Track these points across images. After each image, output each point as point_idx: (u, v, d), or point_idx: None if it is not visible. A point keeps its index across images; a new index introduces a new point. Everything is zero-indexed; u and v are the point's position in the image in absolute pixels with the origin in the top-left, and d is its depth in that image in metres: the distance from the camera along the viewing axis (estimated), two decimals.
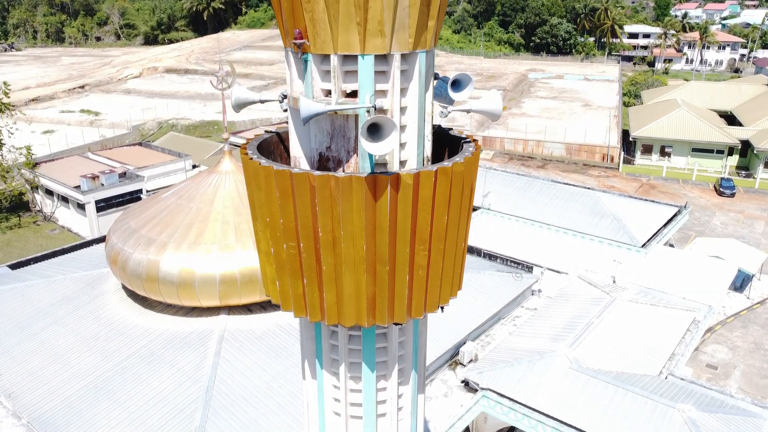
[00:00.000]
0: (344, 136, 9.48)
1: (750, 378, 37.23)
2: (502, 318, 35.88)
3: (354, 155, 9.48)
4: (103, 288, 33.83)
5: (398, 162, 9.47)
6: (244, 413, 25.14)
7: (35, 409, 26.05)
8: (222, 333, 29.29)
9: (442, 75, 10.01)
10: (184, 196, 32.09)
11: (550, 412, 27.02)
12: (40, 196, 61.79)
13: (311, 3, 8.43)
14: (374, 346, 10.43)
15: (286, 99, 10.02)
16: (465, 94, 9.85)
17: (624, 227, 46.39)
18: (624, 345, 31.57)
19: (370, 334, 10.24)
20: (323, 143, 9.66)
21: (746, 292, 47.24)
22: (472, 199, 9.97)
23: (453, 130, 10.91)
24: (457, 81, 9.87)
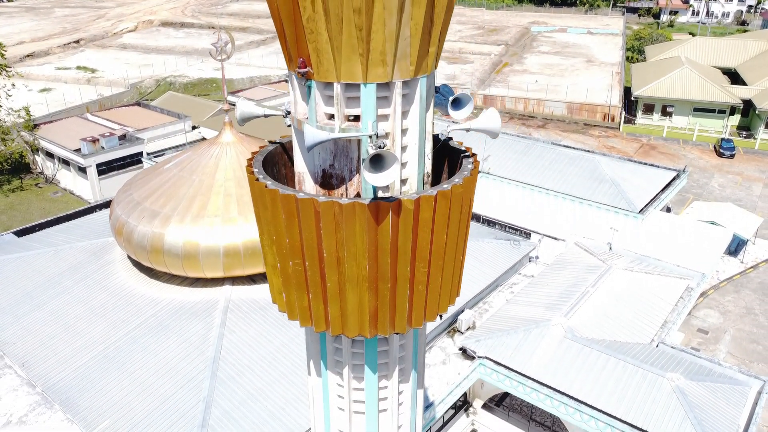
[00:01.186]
0: (347, 156, 9.79)
1: (739, 342, 38.35)
2: (500, 285, 36.68)
3: (356, 174, 9.83)
4: (109, 257, 34.48)
5: (399, 181, 9.83)
6: (249, 383, 26.16)
7: (48, 378, 27.06)
8: (226, 303, 30.09)
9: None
10: (186, 167, 32.35)
11: (544, 380, 28.08)
12: (41, 158, 61.88)
13: (315, 34, 8.61)
14: (376, 350, 11.02)
15: (290, 114, 10.28)
16: (465, 112, 10.12)
17: (622, 192, 46.75)
18: (618, 313, 32.46)
19: (372, 341, 10.81)
20: (327, 161, 9.98)
21: (740, 257, 48.03)
22: (470, 215, 10.36)
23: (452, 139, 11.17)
24: (458, 100, 10.13)
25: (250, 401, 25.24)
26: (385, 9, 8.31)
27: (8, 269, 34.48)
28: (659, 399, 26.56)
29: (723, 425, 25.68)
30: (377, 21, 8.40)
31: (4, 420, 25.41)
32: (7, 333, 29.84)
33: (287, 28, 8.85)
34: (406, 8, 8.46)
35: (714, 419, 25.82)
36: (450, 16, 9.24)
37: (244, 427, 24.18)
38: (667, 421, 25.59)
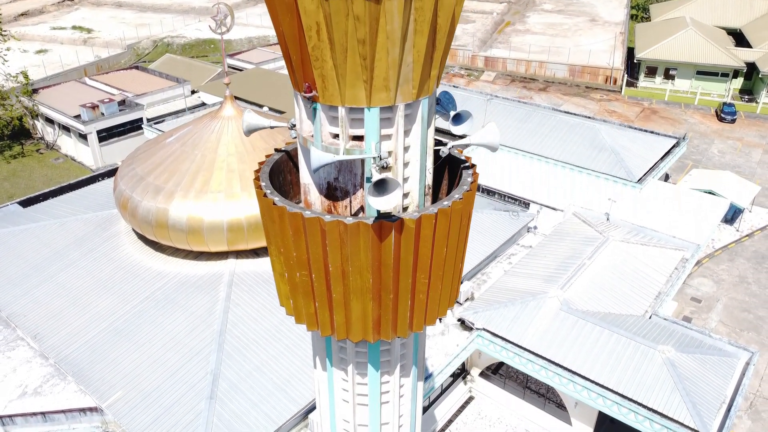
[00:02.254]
0: (351, 171, 10.19)
1: (731, 311, 39.27)
2: (498, 256, 37.34)
3: (360, 189, 10.24)
4: (114, 230, 35.03)
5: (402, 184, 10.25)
6: (255, 355, 27.06)
7: (60, 351, 27.97)
8: (231, 277, 30.78)
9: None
10: (188, 142, 32.56)
11: (540, 352, 29.00)
12: (41, 123, 61.74)
13: (320, 61, 8.89)
14: (379, 351, 11.66)
15: (295, 127, 10.62)
16: (465, 127, 10.49)
17: (621, 161, 46.99)
18: (613, 285, 33.20)
19: (375, 343, 11.42)
20: (331, 174, 10.38)
21: (736, 225, 48.58)
22: (469, 226, 10.82)
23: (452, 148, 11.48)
24: (458, 116, 10.47)
25: (256, 373, 26.19)
26: (388, 39, 8.58)
27: (15, 241, 35.09)
28: (650, 371, 27.52)
29: (710, 396, 26.71)
30: (380, 50, 8.68)
31: (20, 391, 26.43)
32: (18, 305, 30.64)
33: (293, 54, 9.13)
34: (408, 38, 8.73)
35: (702, 390, 26.83)
36: (451, 40, 9.49)
37: (251, 399, 25.18)
38: (657, 392, 26.60)
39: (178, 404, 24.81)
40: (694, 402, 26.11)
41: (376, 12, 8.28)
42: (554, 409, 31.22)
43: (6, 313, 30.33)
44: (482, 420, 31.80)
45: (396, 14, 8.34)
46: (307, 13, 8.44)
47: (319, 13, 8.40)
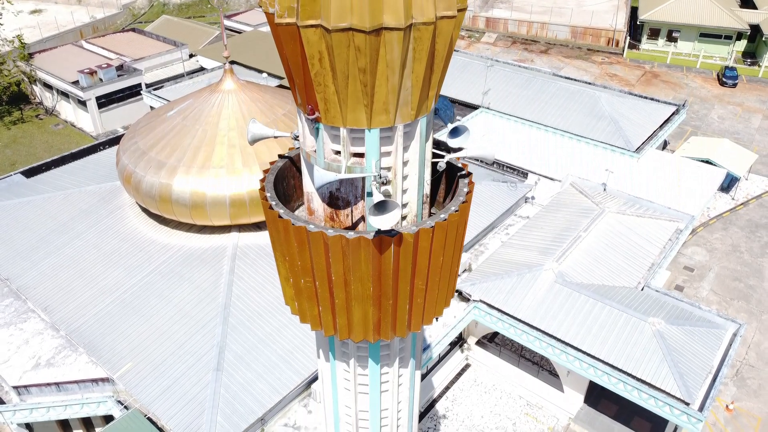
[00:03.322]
0: (352, 184, 10.69)
1: (722, 280, 40.20)
2: (496, 227, 38.01)
3: (361, 201, 10.77)
4: (118, 202, 35.57)
5: (400, 204, 10.78)
6: (259, 328, 28.02)
7: (71, 323, 28.91)
8: (234, 250, 31.51)
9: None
10: (189, 116, 32.77)
11: (534, 323, 29.98)
12: (39, 88, 61.46)
13: (322, 86, 9.29)
14: (378, 347, 12.39)
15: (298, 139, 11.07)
16: (462, 140, 10.96)
17: (620, 130, 47.16)
18: (607, 257, 33.98)
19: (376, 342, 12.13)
20: (334, 184, 10.86)
21: (732, 193, 49.11)
22: (464, 234, 11.39)
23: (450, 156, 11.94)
24: (456, 129, 10.93)
25: (260, 346, 27.19)
26: (387, 67, 8.96)
27: (21, 213, 35.67)
28: (640, 342, 28.54)
29: (697, 367, 27.79)
30: (380, 77, 9.07)
31: (33, 362, 27.49)
32: (27, 278, 31.46)
33: (296, 78, 9.52)
34: (407, 65, 9.11)
35: (689, 361, 27.90)
36: (449, 63, 9.85)
37: (256, 370, 26.24)
38: (645, 363, 27.68)
39: (186, 375, 25.88)
40: (681, 372, 27.21)
41: (376, 43, 8.63)
42: (547, 377, 32.43)
43: (16, 286, 31.18)
44: (478, 387, 33.07)
45: (395, 45, 8.70)
46: (310, 43, 8.79)
47: (321, 43, 8.76)
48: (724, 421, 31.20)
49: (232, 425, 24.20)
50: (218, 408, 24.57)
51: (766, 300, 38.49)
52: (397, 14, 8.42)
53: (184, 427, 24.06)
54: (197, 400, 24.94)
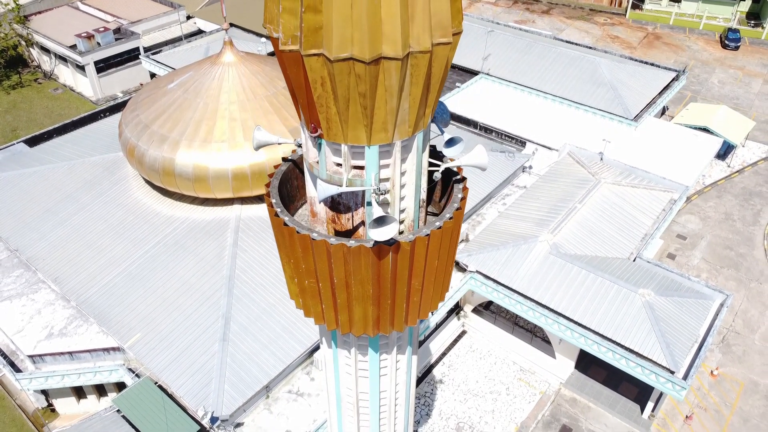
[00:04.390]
0: (353, 192, 11.34)
1: (714, 248, 41.11)
2: (493, 197, 38.67)
3: (361, 207, 11.44)
4: (121, 174, 36.11)
5: (398, 210, 11.48)
6: (263, 299, 29.03)
7: (80, 294, 29.91)
8: (237, 223, 32.26)
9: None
10: (190, 89, 32.99)
11: (528, 293, 31.01)
12: (36, 51, 61.01)
13: (325, 107, 9.84)
14: (378, 338, 13.27)
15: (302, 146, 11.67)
16: (456, 150, 11.57)
17: (619, 97, 47.28)
18: (601, 228, 34.77)
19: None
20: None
21: (728, 160, 49.55)
22: (458, 236, 12.10)
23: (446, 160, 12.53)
24: (451, 140, 11.54)
25: (264, 317, 28.25)
26: (386, 92, 9.51)
27: (27, 184, 36.27)
28: (630, 313, 29.62)
29: (684, 337, 28.95)
30: (380, 100, 9.62)
31: (46, 332, 28.60)
32: (36, 249, 32.32)
33: (300, 98, 10.07)
34: (405, 89, 9.64)
35: (676, 331, 29.04)
36: (445, 81, 10.36)
37: (261, 340, 27.37)
38: (634, 333, 28.81)
39: (194, 346, 27.02)
40: (668, 342, 28.37)
41: (376, 71, 9.16)
42: (540, 344, 33.69)
43: (26, 257, 32.06)
44: (473, 353, 34.38)
45: (394, 73, 9.22)
46: (313, 70, 9.31)
47: (323, 70, 9.28)
48: (709, 385, 32.62)
49: (239, 393, 25.46)
50: (225, 377, 25.79)
51: (756, 268, 39.51)
52: (395, 45, 8.91)
53: (193, 395, 25.32)
54: (205, 369, 26.13)
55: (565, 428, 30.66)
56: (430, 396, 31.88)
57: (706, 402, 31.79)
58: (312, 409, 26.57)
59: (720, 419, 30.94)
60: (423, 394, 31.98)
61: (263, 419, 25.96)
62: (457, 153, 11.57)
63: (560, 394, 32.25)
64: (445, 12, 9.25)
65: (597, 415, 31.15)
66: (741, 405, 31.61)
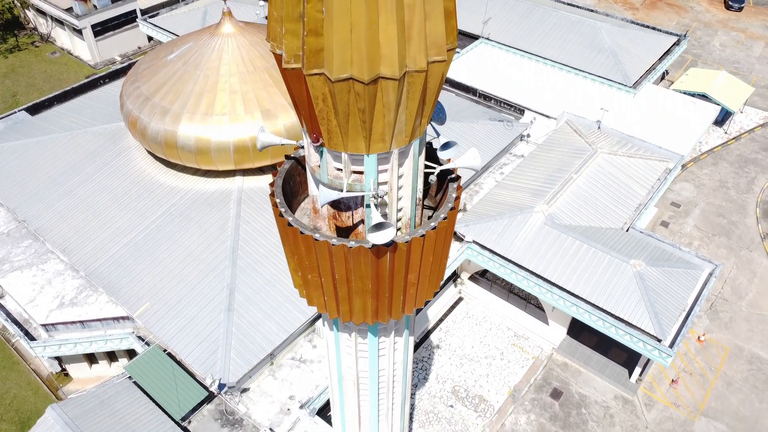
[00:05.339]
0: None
1: (707, 216, 41.90)
2: (491, 166, 39.21)
3: (361, 207, 12.15)
4: (124, 144, 36.55)
5: (396, 209, 12.19)
6: (266, 270, 29.97)
7: (89, 264, 30.82)
8: (239, 194, 32.92)
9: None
10: (190, 61, 33.12)
11: (523, 263, 31.93)
12: (32, 14, 60.34)
13: (326, 120, 10.44)
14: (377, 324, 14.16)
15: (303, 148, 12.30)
16: (451, 153, 12.21)
17: (619, 63, 47.23)
18: (596, 199, 35.45)
19: None
20: None
21: (725, 127, 49.83)
22: (452, 233, 12.84)
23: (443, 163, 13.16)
24: (447, 144, 12.18)
25: (268, 287, 29.25)
26: (384, 107, 10.10)
27: (31, 154, 36.75)
28: (621, 283, 30.61)
29: (672, 306, 30.02)
30: (378, 115, 10.22)
31: (57, 302, 29.65)
32: (44, 220, 33.08)
33: (302, 111, 10.65)
34: (402, 103, 10.22)
35: (665, 301, 30.09)
36: (440, 93, 10.90)
37: (264, 310, 28.44)
38: (625, 302, 29.87)
39: (200, 316, 28.09)
40: (657, 311, 29.46)
41: (374, 90, 9.72)
42: (534, 310, 34.85)
43: (34, 227, 32.86)
44: (470, 319, 35.59)
45: (391, 91, 9.79)
46: (315, 87, 9.87)
47: (324, 87, 9.84)
48: (695, 351, 33.94)
49: (245, 361, 26.67)
50: (231, 345, 26.95)
51: (747, 236, 40.41)
52: (393, 66, 9.45)
53: (201, 363, 26.53)
54: (211, 338, 27.27)
55: (556, 392, 32.11)
56: (428, 360, 33.23)
57: (692, 367, 33.17)
58: (314, 375, 27.84)
59: (704, 383, 32.37)
60: (420, 359, 33.31)
61: (268, 385, 27.26)
62: (452, 156, 12.20)
63: (552, 359, 33.61)
64: (440, 33, 9.75)
65: (587, 379, 32.57)
66: (725, 369, 32.99)
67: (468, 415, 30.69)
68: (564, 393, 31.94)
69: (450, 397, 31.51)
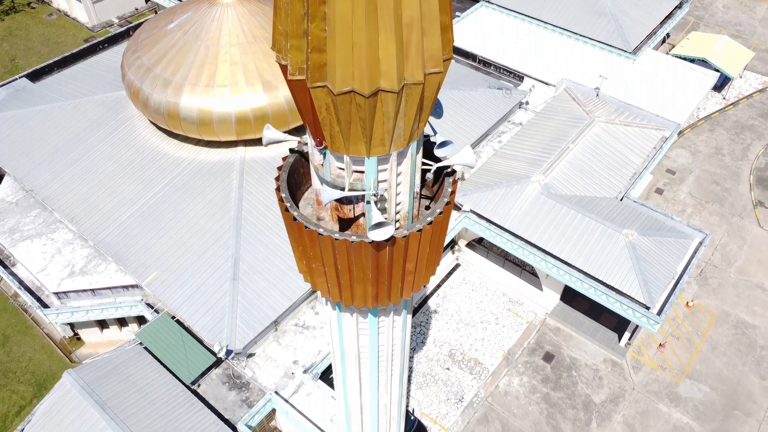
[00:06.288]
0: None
1: (701, 183, 42.61)
2: (489, 135, 39.68)
3: (361, 202, 12.92)
4: (126, 113, 36.91)
5: (395, 204, 12.97)
6: (269, 240, 30.89)
7: (97, 234, 31.72)
8: (242, 165, 33.54)
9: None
10: (190, 31, 33.22)
11: (519, 232, 32.87)
12: None
13: (329, 126, 11.10)
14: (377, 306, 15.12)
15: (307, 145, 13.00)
16: (448, 150, 12.91)
17: (620, 28, 47.05)
18: (592, 168, 36.11)
19: None
20: None
21: (724, 92, 49.94)
22: (447, 224, 13.64)
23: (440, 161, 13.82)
24: (443, 143, 12.85)
25: (271, 256, 30.22)
26: (384, 116, 10.75)
27: (34, 123, 37.16)
28: (613, 252, 31.60)
29: (662, 275, 31.09)
30: (378, 123, 10.88)
31: (68, 270, 30.68)
32: (50, 190, 33.80)
33: (306, 116, 11.31)
34: (400, 112, 10.87)
35: (655, 270, 31.14)
36: (436, 99, 11.53)
37: (268, 279, 29.49)
38: (616, 271, 30.92)
39: (206, 284, 29.16)
40: (647, 280, 30.55)
41: (374, 101, 10.36)
42: (529, 277, 35.96)
43: (41, 197, 33.61)
44: (466, 285, 36.76)
45: (390, 102, 10.43)
46: (318, 98, 10.50)
47: (327, 98, 10.47)
48: (683, 316, 35.23)
49: (250, 328, 27.88)
50: (237, 313, 28.12)
51: (739, 203, 41.23)
52: (392, 81, 10.07)
53: (209, 329, 27.74)
54: (218, 306, 28.41)
55: (548, 355, 33.53)
56: (425, 325, 34.54)
57: (680, 331, 34.52)
58: (317, 340, 29.12)
59: (690, 347, 33.77)
60: (418, 323, 34.62)
61: (273, 350, 28.56)
62: (448, 153, 12.89)
63: (545, 324, 34.92)
64: (436, 48, 10.30)
65: (578, 343, 33.95)
66: (711, 334, 34.35)
67: (463, 377, 32.16)
68: (556, 356, 33.37)
69: (447, 360, 32.94)
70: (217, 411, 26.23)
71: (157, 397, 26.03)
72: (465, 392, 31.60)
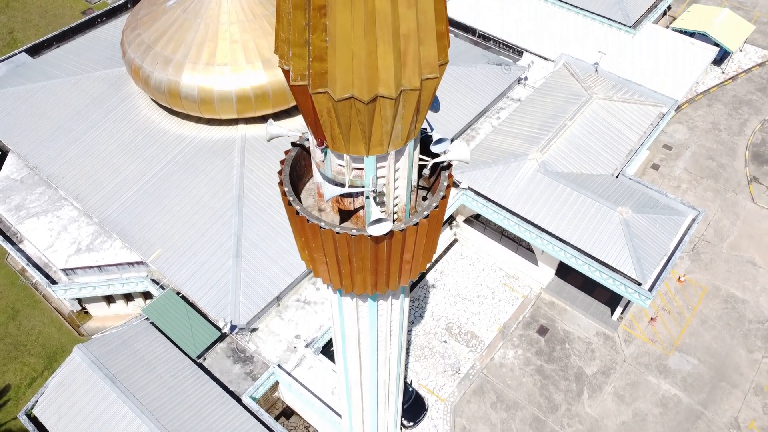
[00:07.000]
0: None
1: (697, 159, 43.05)
2: (488, 111, 39.96)
3: (361, 195, 13.52)
4: (127, 90, 37.12)
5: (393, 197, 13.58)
6: (271, 218, 31.53)
7: (101, 211, 32.33)
8: (243, 143, 33.95)
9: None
10: (189, 8, 33.24)
11: (515, 210, 33.49)
12: None
13: (330, 128, 11.63)
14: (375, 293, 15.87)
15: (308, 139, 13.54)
16: (443, 146, 13.45)
17: (620, 2, 46.75)
18: (589, 145, 36.53)
19: None
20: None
21: (723, 66, 49.95)
22: (443, 217, 14.27)
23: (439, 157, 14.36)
24: (439, 139, 13.39)
25: (273, 234, 30.91)
26: (382, 119, 11.29)
27: (36, 99, 37.40)
28: (607, 229, 32.28)
29: (654, 252, 31.83)
30: (376, 125, 11.42)
31: (75, 247, 31.41)
32: (54, 167, 34.28)
33: (308, 118, 11.84)
34: (398, 115, 11.39)
35: (648, 247, 31.88)
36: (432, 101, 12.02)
37: (270, 256, 30.24)
38: (610, 248, 31.65)
39: (210, 261, 29.91)
40: (639, 257, 31.31)
41: (373, 106, 10.89)
42: (525, 252, 36.71)
43: (46, 174, 34.12)
44: (464, 260, 37.56)
45: (388, 107, 10.95)
46: (319, 103, 11.02)
47: (328, 103, 10.98)
48: (675, 290, 36.13)
49: (253, 304, 28.75)
50: (240, 290, 28.94)
51: (734, 179, 41.75)
52: (389, 88, 10.59)
53: (213, 305, 28.61)
54: (222, 282, 29.22)
55: (543, 328, 34.54)
56: (423, 299, 35.46)
57: (671, 305, 35.46)
58: (318, 315, 30.03)
59: (681, 321, 34.75)
60: (417, 298, 35.53)
61: (275, 325, 29.49)
62: (444, 149, 13.43)
63: (540, 298, 35.84)
64: (433, 55, 10.77)
65: (572, 317, 34.92)
66: (701, 308, 35.30)
67: (460, 350, 33.21)
68: (550, 330, 34.37)
69: (444, 334, 33.95)
70: (222, 383, 27.29)
71: (164, 370, 27.04)
72: (461, 364, 32.68)
